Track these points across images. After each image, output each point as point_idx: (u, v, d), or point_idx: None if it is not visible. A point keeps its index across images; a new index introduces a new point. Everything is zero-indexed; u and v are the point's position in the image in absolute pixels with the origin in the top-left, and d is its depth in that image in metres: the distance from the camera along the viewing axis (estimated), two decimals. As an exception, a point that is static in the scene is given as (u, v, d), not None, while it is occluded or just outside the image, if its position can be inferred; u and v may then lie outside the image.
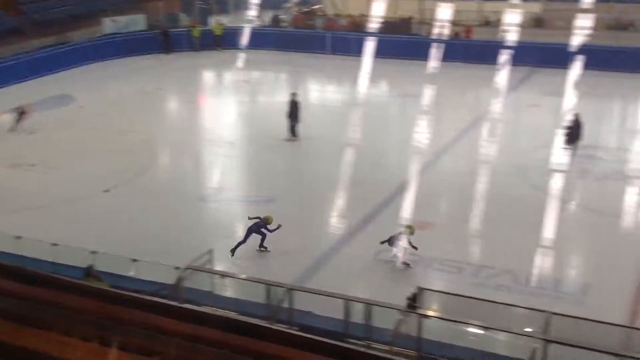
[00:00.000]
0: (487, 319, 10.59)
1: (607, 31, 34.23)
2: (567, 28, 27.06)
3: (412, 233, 14.36)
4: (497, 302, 10.98)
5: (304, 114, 23.06)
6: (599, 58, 30.05)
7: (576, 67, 24.08)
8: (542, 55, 31.82)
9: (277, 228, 14.85)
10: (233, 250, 14.74)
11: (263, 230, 14.85)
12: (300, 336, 3.91)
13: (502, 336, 10.76)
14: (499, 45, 27.52)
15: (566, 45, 25.57)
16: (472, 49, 34.45)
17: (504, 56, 26.75)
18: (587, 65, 26.54)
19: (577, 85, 24.55)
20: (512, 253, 15.06)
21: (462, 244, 15.62)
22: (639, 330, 11.53)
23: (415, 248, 14.34)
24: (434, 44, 27.26)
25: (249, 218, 15.21)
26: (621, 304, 12.84)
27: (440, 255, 15.00)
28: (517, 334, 9.95)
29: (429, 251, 14.94)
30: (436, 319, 11.11)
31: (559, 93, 24.27)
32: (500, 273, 14.20)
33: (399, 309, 10.23)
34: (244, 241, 14.84)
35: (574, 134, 19.90)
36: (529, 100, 28.32)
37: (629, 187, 18.72)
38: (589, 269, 14.54)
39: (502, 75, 26.20)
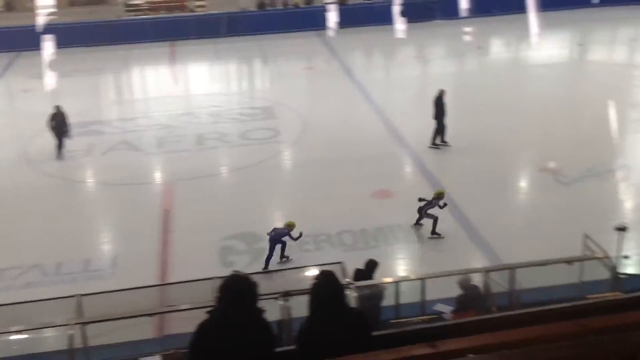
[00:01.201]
0: (15, 322, 9.80)
1: (76, 7, 34.72)
2: (37, 9, 26.35)
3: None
4: (21, 302, 10.31)
5: None
6: (77, 34, 30.50)
7: (57, 47, 23.66)
8: (21, 38, 30.43)
9: (299, 237, 13.27)
10: (265, 268, 13.05)
11: (284, 239, 13.28)
12: None
13: (45, 333, 10.24)
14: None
15: (43, 26, 24.93)
16: None
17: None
18: (69, 43, 26.53)
19: (64, 64, 24.33)
20: (37, 247, 14.37)
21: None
22: (170, 285, 12.34)
23: None
24: None
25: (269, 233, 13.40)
26: (150, 263, 13.51)
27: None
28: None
29: None
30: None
31: (47, 74, 23.66)
32: (27, 270, 13.43)
33: None
34: (270, 254, 13.21)
35: (59, 126, 19.00)
36: (19, 85, 27.03)
37: (134, 154, 19.57)
38: (114, 242, 14.82)
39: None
